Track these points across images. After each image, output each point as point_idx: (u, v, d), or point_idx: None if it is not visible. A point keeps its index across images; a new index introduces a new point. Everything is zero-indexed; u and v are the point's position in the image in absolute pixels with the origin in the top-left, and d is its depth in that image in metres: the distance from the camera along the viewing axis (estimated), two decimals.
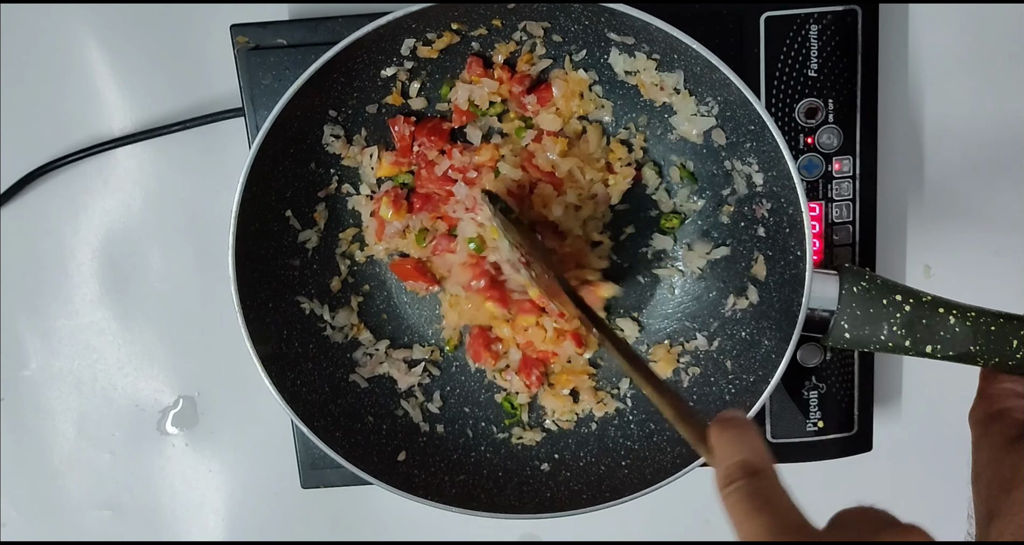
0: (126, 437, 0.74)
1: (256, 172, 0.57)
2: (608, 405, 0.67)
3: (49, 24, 0.67)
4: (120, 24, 0.67)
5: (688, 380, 0.65)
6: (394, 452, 0.64)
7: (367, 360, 0.66)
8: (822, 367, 0.68)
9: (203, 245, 0.71)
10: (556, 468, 0.65)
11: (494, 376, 0.68)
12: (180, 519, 0.75)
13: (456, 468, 0.65)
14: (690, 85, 0.60)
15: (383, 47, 0.59)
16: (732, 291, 0.64)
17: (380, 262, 0.67)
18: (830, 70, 0.64)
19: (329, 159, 0.63)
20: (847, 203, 0.66)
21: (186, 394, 0.73)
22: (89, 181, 0.70)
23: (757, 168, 0.59)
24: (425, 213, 0.65)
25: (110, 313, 0.72)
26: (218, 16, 0.66)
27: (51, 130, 0.69)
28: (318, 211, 0.64)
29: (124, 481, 0.75)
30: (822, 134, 0.65)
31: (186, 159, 0.69)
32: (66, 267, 0.71)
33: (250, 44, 0.63)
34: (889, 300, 0.56)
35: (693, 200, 0.65)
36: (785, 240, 0.59)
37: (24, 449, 0.74)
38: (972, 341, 0.56)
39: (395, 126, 0.63)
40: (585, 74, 0.62)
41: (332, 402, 0.63)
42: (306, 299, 0.64)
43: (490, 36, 0.61)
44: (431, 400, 0.67)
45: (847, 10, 0.63)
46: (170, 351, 0.72)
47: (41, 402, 0.73)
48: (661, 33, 0.55)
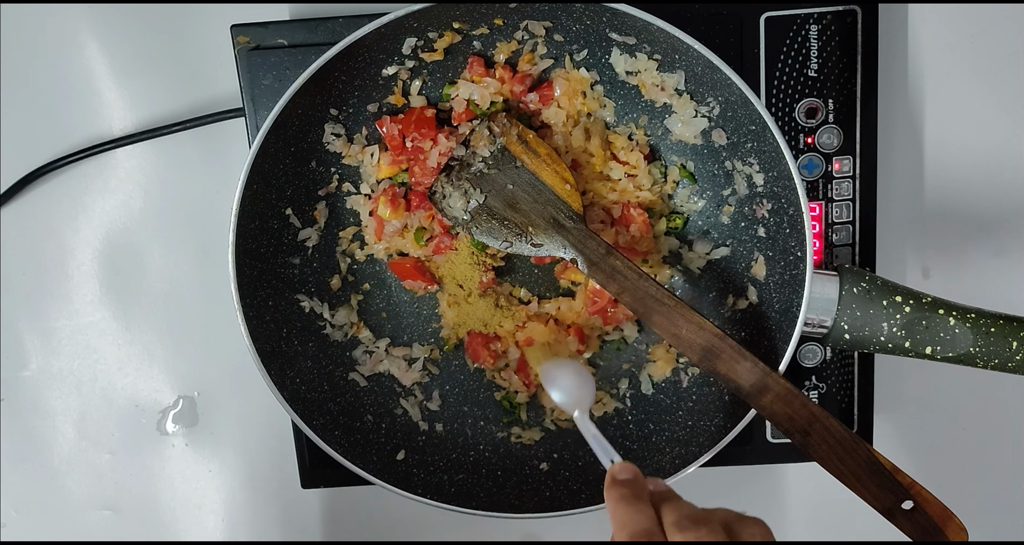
0: (126, 437, 0.74)
1: (256, 170, 0.57)
2: (607, 405, 0.67)
3: (49, 24, 0.68)
4: (120, 24, 0.68)
5: (688, 380, 0.65)
6: (393, 451, 0.64)
7: (367, 359, 0.66)
8: (822, 367, 0.68)
9: (203, 245, 0.71)
10: (555, 467, 0.65)
11: (493, 375, 0.68)
12: (180, 519, 0.75)
13: (455, 467, 0.65)
14: (691, 85, 0.60)
15: (384, 46, 0.59)
16: (732, 291, 0.64)
17: (380, 261, 0.67)
18: (830, 70, 0.64)
19: (330, 158, 0.63)
20: (847, 203, 0.66)
21: (186, 394, 0.73)
22: (89, 181, 0.70)
23: (758, 168, 0.59)
24: (422, 211, 0.65)
25: (110, 313, 0.72)
26: (218, 16, 0.66)
27: (51, 130, 0.69)
28: (318, 209, 0.64)
29: (124, 481, 0.75)
30: (822, 134, 0.65)
31: (186, 159, 0.69)
32: (66, 267, 0.71)
33: (251, 44, 0.63)
34: (889, 301, 0.56)
35: (693, 200, 0.65)
36: (785, 240, 0.59)
37: (24, 449, 0.74)
38: (972, 342, 0.56)
39: (382, 127, 0.63)
40: (587, 73, 0.62)
41: (331, 401, 0.64)
42: (306, 297, 0.64)
43: (491, 35, 0.61)
44: (430, 399, 0.67)
45: (847, 10, 0.63)
46: (170, 351, 0.72)
47: (41, 402, 0.73)
48: (662, 33, 0.55)
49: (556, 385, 0.57)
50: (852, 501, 0.56)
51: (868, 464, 0.54)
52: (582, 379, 0.57)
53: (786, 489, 0.74)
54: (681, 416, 0.64)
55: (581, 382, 0.57)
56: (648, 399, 0.67)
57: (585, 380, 0.57)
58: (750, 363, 0.56)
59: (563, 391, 0.56)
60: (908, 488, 0.54)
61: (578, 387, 0.56)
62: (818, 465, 0.56)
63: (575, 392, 0.56)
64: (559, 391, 0.56)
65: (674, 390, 0.66)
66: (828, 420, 0.55)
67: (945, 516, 0.55)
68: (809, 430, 0.55)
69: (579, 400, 0.56)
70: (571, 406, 0.55)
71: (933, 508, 0.54)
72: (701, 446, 0.60)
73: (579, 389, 0.56)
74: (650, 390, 0.66)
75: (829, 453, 0.55)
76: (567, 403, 0.56)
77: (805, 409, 0.55)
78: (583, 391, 0.56)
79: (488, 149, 0.62)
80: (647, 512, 0.45)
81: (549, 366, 0.59)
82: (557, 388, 0.56)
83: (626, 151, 0.64)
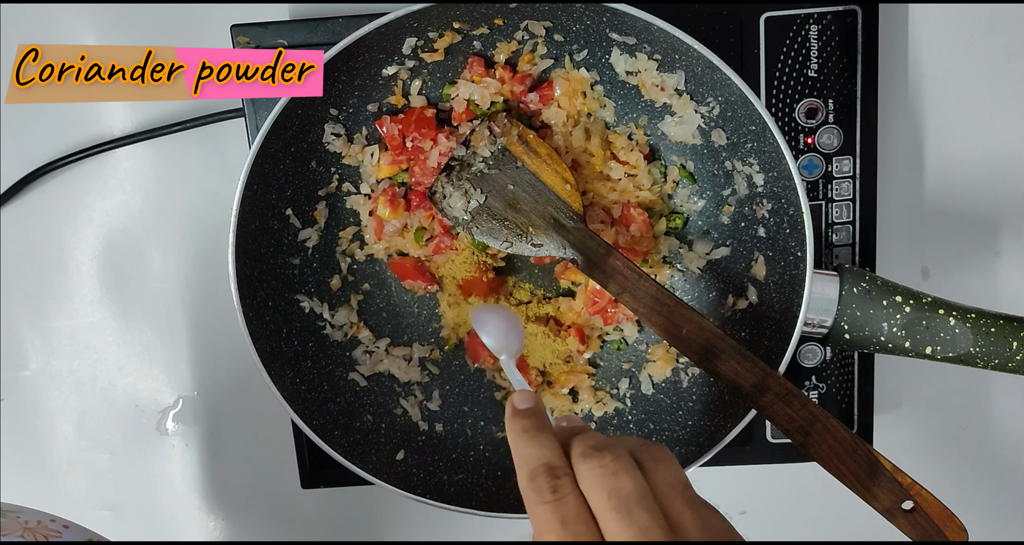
0: (126, 437, 0.74)
1: (256, 170, 0.57)
2: (607, 405, 0.67)
3: (49, 24, 0.68)
4: (120, 24, 0.68)
5: (688, 380, 0.65)
6: (393, 451, 0.64)
7: (366, 359, 0.66)
8: (822, 367, 0.68)
9: (203, 245, 0.71)
10: None
11: (493, 375, 0.68)
12: (180, 519, 0.75)
13: (455, 467, 0.65)
14: (691, 85, 0.60)
15: (384, 46, 0.59)
16: (732, 291, 0.64)
17: (380, 261, 0.67)
18: (830, 70, 0.64)
19: (330, 158, 0.63)
20: (847, 203, 0.66)
21: (186, 394, 0.73)
22: (89, 181, 0.70)
23: (758, 168, 0.59)
24: (422, 211, 0.65)
25: (110, 313, 0.72)
26: (218, 16, 0.66)
27: (51, 130, 0.69)
28: (318, 209, 0.64)
29: (124, 481, 0.75)
30: (822, 134, 0.65)
31: (186, 159, 0.69)
32: (66, 267, 0.71)
33: (250, 44, 0.63)
34: (889, 301, 0.56)
35: (693, 200, 0.65)
36: (785, 241, 0.59)
37: (24, 449, 0.74)
38: (972, 343, 0.56)
39: (383, 127, 0.63)
40: (587, 73, 0.62)
41: (331, 400, 0.64)
42: (306, 297, 0.64)
43: (492, 35, 0.61)
44: (430, 399, 0.67)
45: (847, 10, 0.63)
46: (170, 351, 0.72)
47: (41, 402, 0.73)
48: (662, 33, 0.55)
49: (485, 329, 0.57)
50: (852, 501, 0.56)
51: (868, 464, 0.54)
52: (510, 324, 0.57)
53: (786, 489, 0.74)
54: (681, 416, 0.64)
55: (509, 327, 0.57)
56: (648, 399, 0.67)
57: (513, 325, 0.57)
58: (750, 363, 0.55)
59: (491, 335, 0.56)
60: (908, 488, 0.54)
61: (506, 332, 0.57)
62: (818, 465, 0.56)
63: (502, 337, 0.56)
64: (488, 335, 0.57)
65: (674, 390, 0.66)
66: (828, 420, 0.55)
67: (945, 516, 0.55)
68: (809, 430, 0.55)
69: (507, 344, 0.56)
70: (499, 350, 0.56)
71: (933, 508, 0.54)
72: (701, 446, 0.60)
73: (507, 334, 0.57)
74: (650, 390, 0.66)
75: (829, 453, 0.55)
76: (495, 347, 0.56)
77: (805, 409, 0.55)
78: (511, 336, 0.57)
79: (488, 149, 0.62)
80: (549, 444, 0.43)
81: (479, 310, 0.59)
82: (486, 332, 0.57)
83: (626, 151, 0.64)
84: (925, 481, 0.55)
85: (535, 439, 0.44)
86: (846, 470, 0.55)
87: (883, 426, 0.70)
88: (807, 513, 0.74)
